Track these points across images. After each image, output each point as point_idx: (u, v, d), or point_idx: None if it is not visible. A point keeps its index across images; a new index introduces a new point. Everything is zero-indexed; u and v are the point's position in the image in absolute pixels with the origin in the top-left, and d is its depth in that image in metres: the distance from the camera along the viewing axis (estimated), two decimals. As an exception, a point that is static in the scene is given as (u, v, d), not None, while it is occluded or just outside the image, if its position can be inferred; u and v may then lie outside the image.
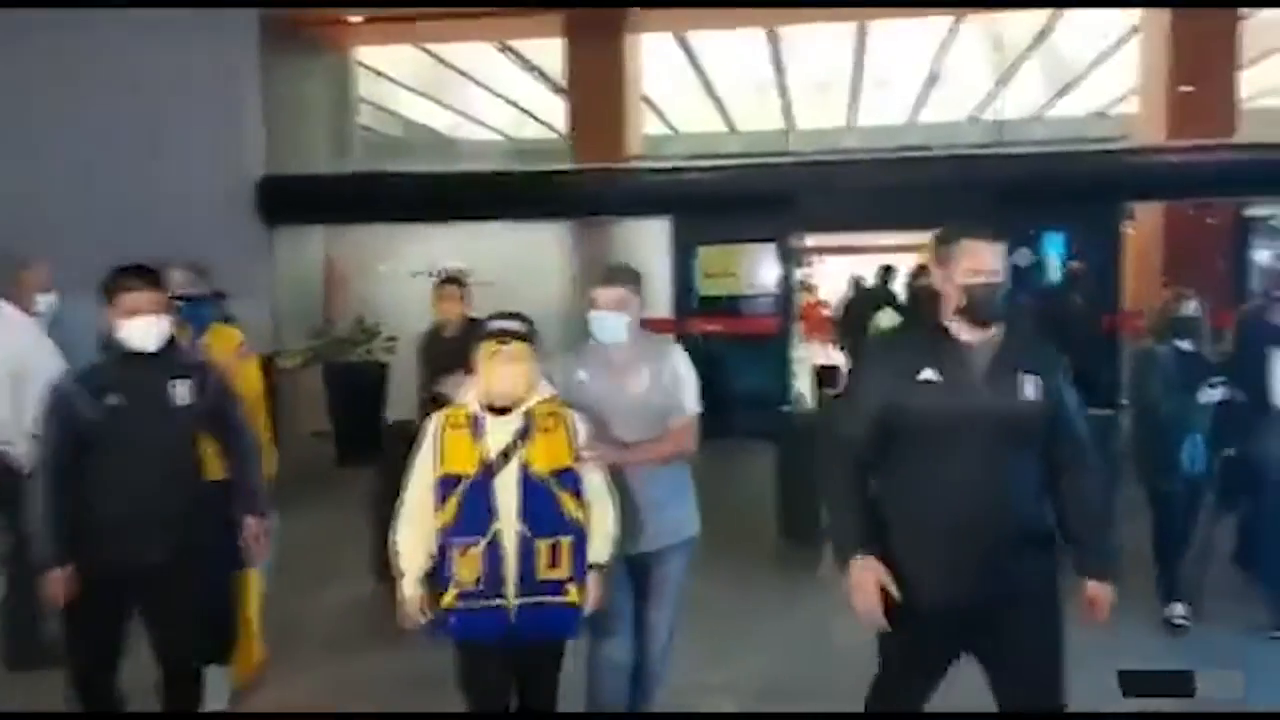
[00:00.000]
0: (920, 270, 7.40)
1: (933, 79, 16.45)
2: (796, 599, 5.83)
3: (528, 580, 3.05)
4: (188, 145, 10.32)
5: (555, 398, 3.19)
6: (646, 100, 14.74)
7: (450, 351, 5.43)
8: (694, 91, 17.14)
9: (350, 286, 11.54)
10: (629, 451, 3.44)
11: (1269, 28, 12.77)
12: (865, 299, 11.84)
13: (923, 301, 6.92)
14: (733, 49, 14.85)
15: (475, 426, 3.08)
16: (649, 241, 11.17)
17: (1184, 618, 5.11)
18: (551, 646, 3.25)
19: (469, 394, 3.16)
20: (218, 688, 4.17)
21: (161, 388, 3.45)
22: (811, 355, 14.80)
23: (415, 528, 3.13)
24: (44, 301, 4.83)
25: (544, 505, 3.05)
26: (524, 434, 3.07)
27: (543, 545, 3.04)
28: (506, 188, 11.52)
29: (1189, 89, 10.99)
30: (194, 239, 9.97)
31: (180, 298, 4.10)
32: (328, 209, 11.42)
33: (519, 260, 11.33)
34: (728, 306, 11.09)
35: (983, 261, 2.79)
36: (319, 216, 11.51)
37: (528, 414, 3.10)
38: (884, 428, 2.87)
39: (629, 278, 3.60)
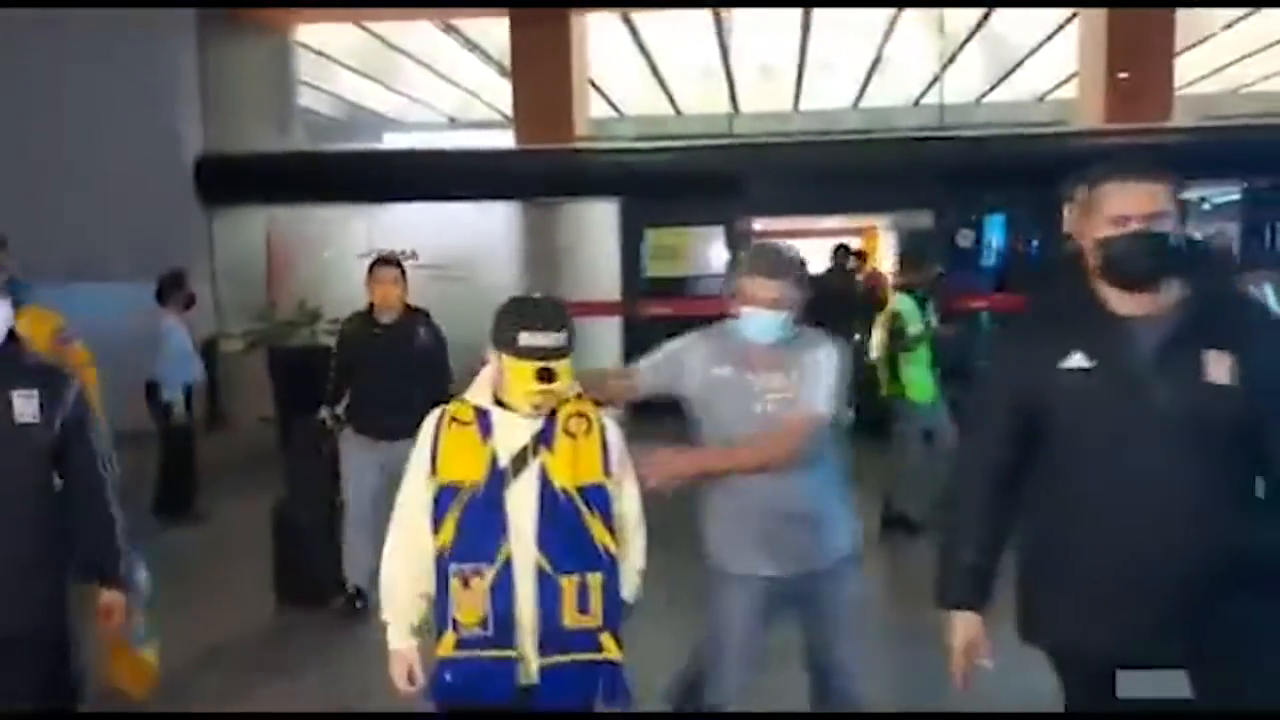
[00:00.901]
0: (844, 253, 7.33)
1: (876, 64, 16.60)
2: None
3: (551, 630, 2.34)
4: (123, 123, 10.10)
5: (581, 395, 2.49)
6: (591, 83, 14.67)
7: (383, 340, 5.06)
8: (639, 74, 17.11)
9: (294, 269, 11.37)
10: (710, 457, 2.84)
11: (1202, 15, 13.07)
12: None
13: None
14: (678, 31, 14.84)
15: (483, 423, 2.39)
16: (598, 223, 11.16)
17: None
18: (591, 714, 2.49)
19: (477, 388, 2.49)
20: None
21: None
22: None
23: (407, 557, 2.44)
24: None
25: (569, 530, 2.35)
26: (544, 437, 2.38)
27: (569, 584, 2.33)
28: (453, 168, 11.43)
29: (1124, 75, 11.19)
30: (130, 218, 9.84)
31: None
32: (268, 189, 11.25)
33: (467, 242, 11.26)
34: (674, 288, 11.11)
35: (1128, 206, 2.14)
36: (259, 196, 11.32)
37: (550, 412, 2.42)
38: (1022, 434, 2.26)
39: (792, 268, 2.91)
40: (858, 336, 8.01)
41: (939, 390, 6.36)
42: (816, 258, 12.90)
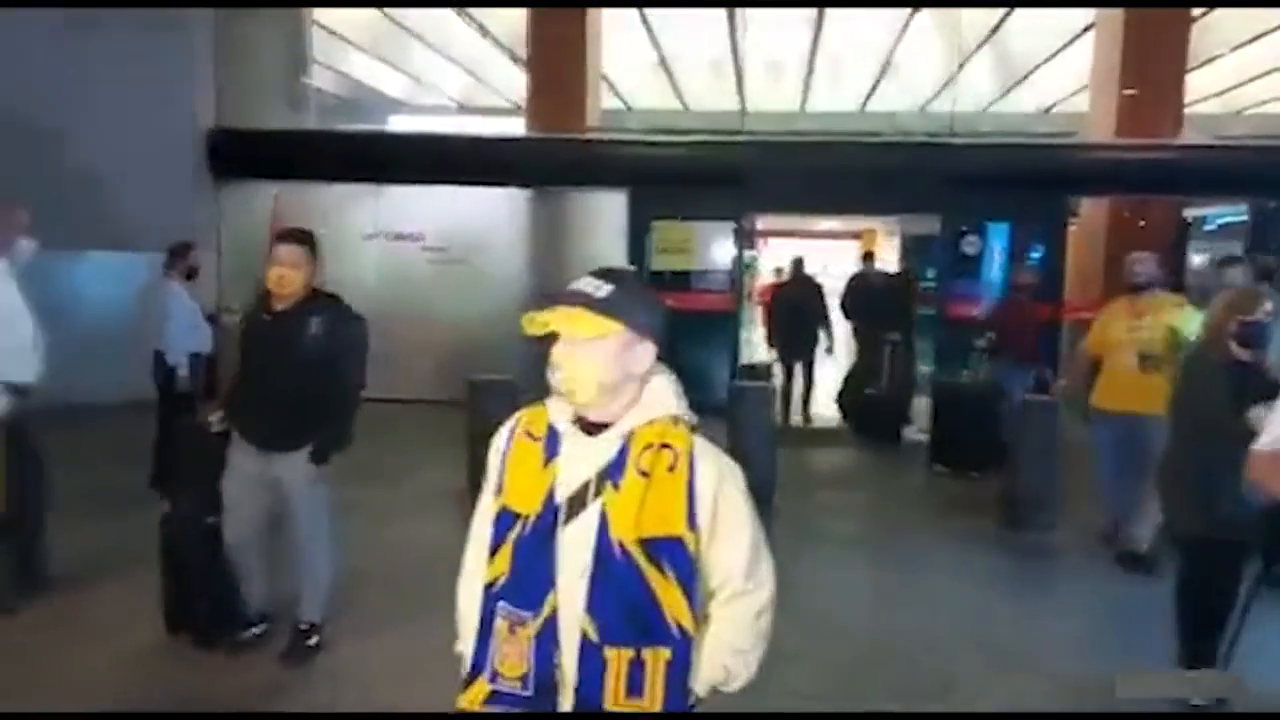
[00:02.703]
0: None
1: (886, 67, 16.63)
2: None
3: (589, 707, 1.86)
4: (136, 94, 10.07)
5: (679, 419, 1.94)
6: (603, 75, 14.68)
7: (268, 332, 4.19)
8: (649, 68, 17.12)
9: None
10: None
11: (1209, 38, 13.13)
12: (805, 286, 11.06)
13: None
14: (690, 27, 14.86)
15: (550, 442, 1.93)
16: (605, 214, 11.16)
17: None
18: None
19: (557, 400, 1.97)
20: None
21: None
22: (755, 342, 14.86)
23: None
24: (26, 246, 4.82)
25: (626, 594, 1.84)
26: (612, 472, 1.86)
27: (616, 657, 1.84)
28: (464, 152, 11.41)
29: (1131, 92, 11.23)
30: (140, 189, 9.80)
31: None
32: (278, 164, 11.23)
33: (473, 226, 11.26)
34: (679, 282, 11.09)
35: None
36: (269, 171, 11.28)
37: (628, 439, 1.89)
38: None
39: None
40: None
41: None
42: (816, 258, 12.97)
